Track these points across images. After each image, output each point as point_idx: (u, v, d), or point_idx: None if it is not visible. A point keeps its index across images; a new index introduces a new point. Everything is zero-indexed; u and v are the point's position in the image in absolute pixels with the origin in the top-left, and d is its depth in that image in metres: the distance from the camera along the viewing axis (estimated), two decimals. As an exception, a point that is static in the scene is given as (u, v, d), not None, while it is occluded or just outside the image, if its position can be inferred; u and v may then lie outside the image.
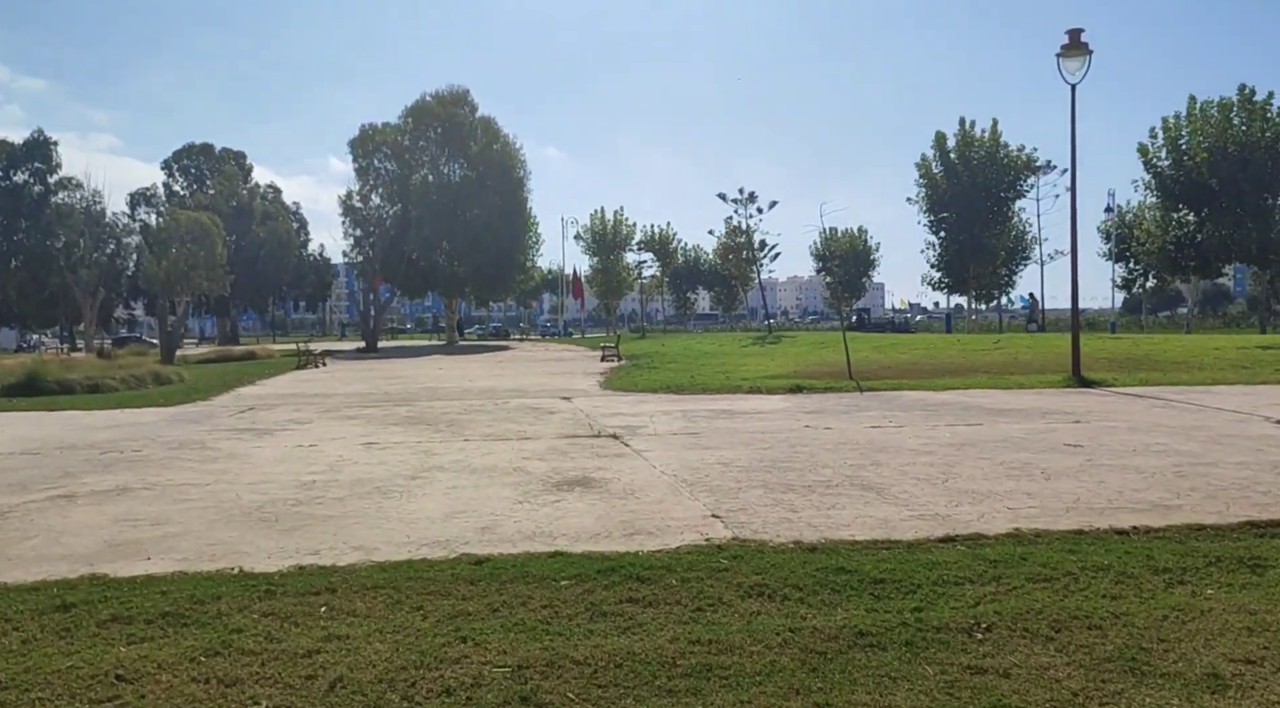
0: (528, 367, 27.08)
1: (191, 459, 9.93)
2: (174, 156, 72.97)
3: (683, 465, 8.70)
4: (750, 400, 15.17)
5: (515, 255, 47.19)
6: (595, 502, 7.11)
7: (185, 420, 14.18)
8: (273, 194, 75.16)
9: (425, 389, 19.31)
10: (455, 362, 30.74)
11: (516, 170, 45.34)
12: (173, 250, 54.44)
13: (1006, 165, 39.39)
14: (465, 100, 45.11)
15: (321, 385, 21.00)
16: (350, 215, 44.91)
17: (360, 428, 12.65)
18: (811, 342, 31.30)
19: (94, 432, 12.83)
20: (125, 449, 10.88)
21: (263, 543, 6.10)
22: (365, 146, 44.01)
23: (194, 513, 7.08)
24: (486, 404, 15.78)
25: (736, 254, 47.66)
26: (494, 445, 10.51)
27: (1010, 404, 13.65)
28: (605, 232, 55.74)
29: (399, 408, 15.43)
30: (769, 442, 10.14)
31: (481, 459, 9.46)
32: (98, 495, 7.88)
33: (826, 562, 5.06)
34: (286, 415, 14.64)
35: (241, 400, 17.67)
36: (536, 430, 11.85)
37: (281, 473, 8.86)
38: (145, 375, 21.42)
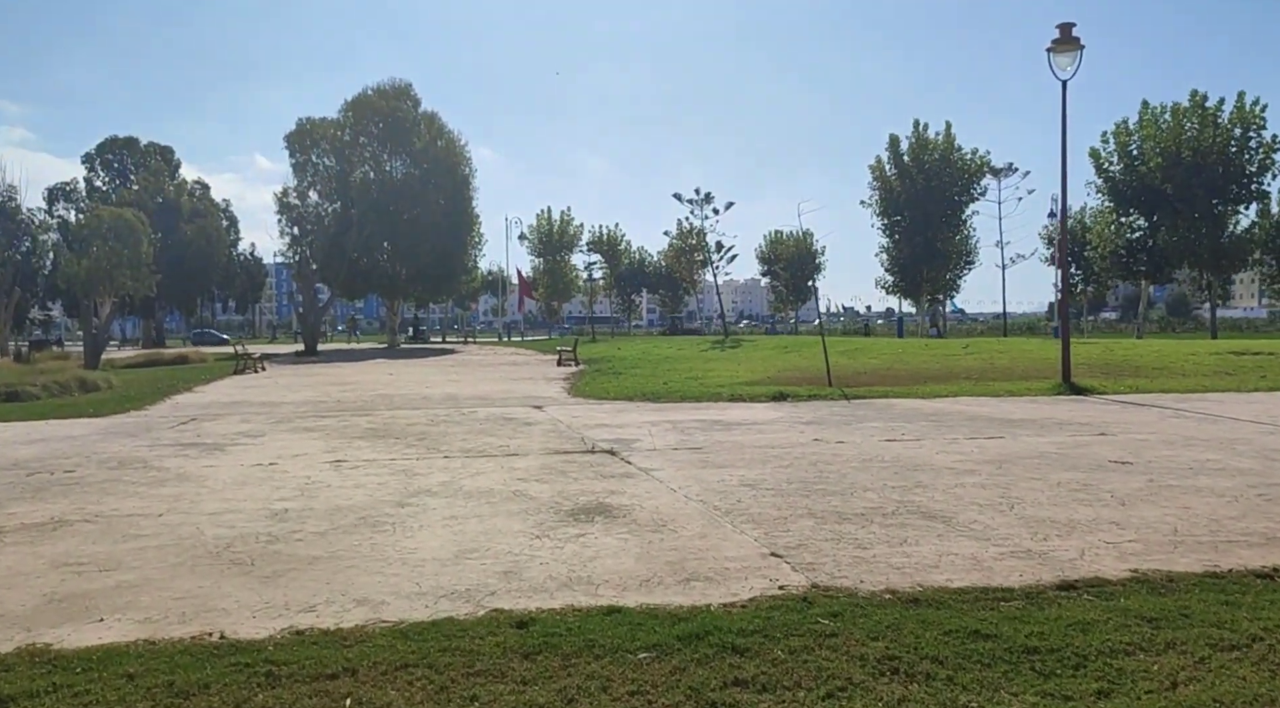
0: (482, 372, 25.93)
1: (136, 481, 8.73)
2: (96, 150, 69.71)
3: (704, 488, 7.82)
4: (737, 410, 14.35)
5: (459, 256, 45.79)
6: (626, 536, 6.18)
7: (121, 433, 12.84)
8: (201, 191, 72.22)
9: (381, 397, 18.10)
10: (404, 367, 29.40)
11: (461, 168, 43.93)
12: (94, 249, 51.82)
13: (961, 168, 39.40)
14: (408, 94, 43.56)
15: (266, 393, 19.62)
16: (286, 213, 43.06)
17: (322, 442, 11.50)
18: (773, 346, 30.68)
19: (16, 447, 11.46)
20: (56, 469, 9.60)
21: (242, 595, 5.04)
22: (303, 142, 42.19)
23: (150, 554, 5.97)
24: (453, 414, 14.70)
25: (689, 256, 46.98)
26: (479, 463, 9.49)
27: (1016, 413, 13.06)
28: (552, 232, 54.58)
29: (358, 419, 14.26)
30: (785, 459, 9.31)
31: (472, 481, 8.45)
32: (29, 531, 6.69)
33: (950, 622, 4.22)
34: (234, 427, 13.37)
35: (181, 410, 16.27)
36: (520, 445, 10.85)
37: (245, 499, 7.74)
38: (70, 382, 19.78)
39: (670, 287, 72.56)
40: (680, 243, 47.63)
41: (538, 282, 54.70)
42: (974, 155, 39.57)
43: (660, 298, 73.92)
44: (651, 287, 73.63)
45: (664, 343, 39.75)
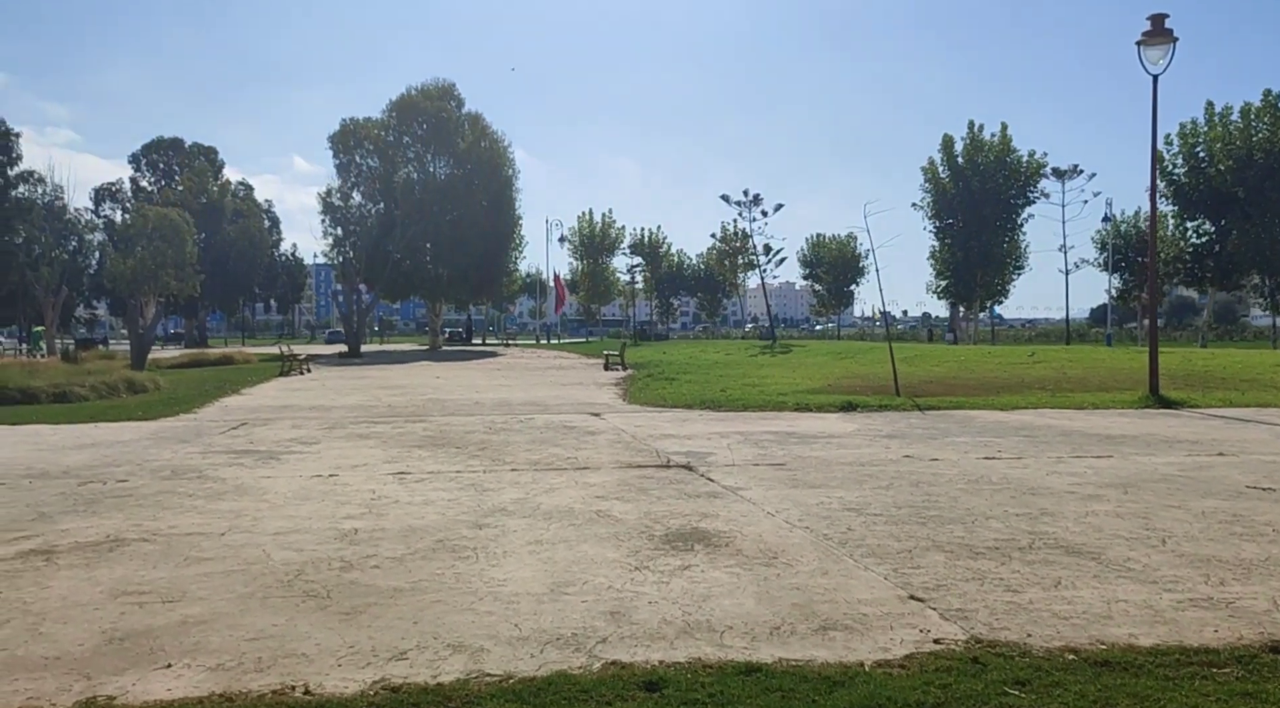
0: (529, 376, 25.44)
1: (192, 494, 8.25)
2: (142, 151, 70.36)
3: (804, 512, 7.17)
4: (807, 420, 13.68)
5: (501, 258, 45.41)
6: (735, 570, 5.55)
7: (172, 439, 12.44)
8: (244, 191, 72.68)
9: (431, 402, 17.63)
10: (449, 369, 29.00)
11: (504, 169, 43.53)
12: (140, 248, 52.12)
13: (1016, 170, 38.26)
14: (452, 94, 43.25)
15: (314, 396, 19.24)
16: (330, 214, 42.87)
17: (380, 451, 11.00)
18: (826, 352, 29.90)
19: (67, 453, 11.08)
20: (108, 479, 9.16)
21: (322, 637, 4.49)
22: (346, 142, 42.02)
23: (216, 581, 5.44)
24: (510, 421, 14.17)
25: (733, 258, 46.17)
26: (550, 478, 8.92)
27: (1113, 429, 12.27)
28: (593, 235, 54.05)
29: (413, 425, 13.78)
30: (881, 478, 8.64)
31: (547, 498, 7.88)
32: (84, 551, 6.20)
33: (1169, 698, 3.55)
34: (287, 433, 12.93)
35: (230, 413, 15.90)
36: (588, 457, 10.27)
37: (310, 517, 7.22)
38: (118, 383, 19.53)
39: (709, 290, 71.82)
40: (724, 245, 46.87)
41: (578, 284, 54.23)
42: (1031, 157, 38.50)
43: (699, 301, 73.13)
44: (690, 290, 72.86)
45: (710, 347, 39.06)
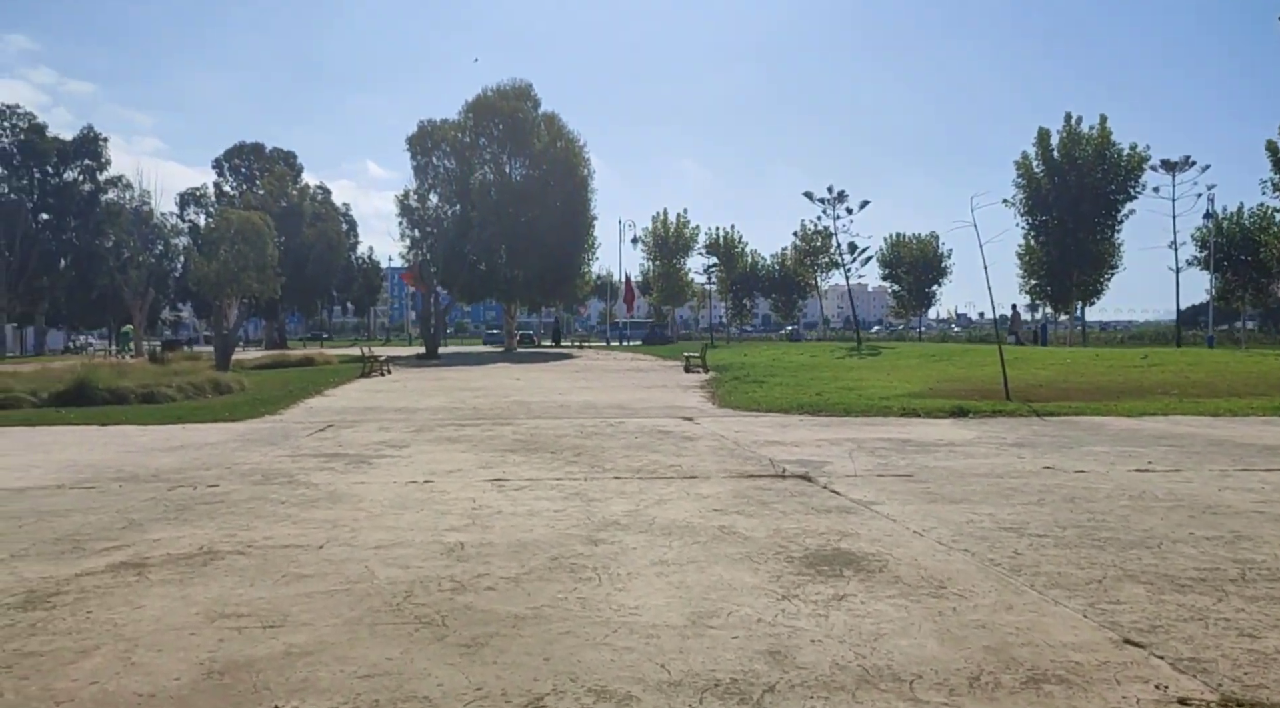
0: (609, 378, 24.90)
1: (285, 501, 7.82)
2: (225, 156, 72.06)
3: (955, 531, 6.41)
4: (919, 427, 12.83)
5: (576, 259, 45.07)
6: (901, 602, 4.83)
7: (259, 441, 12.15)
8: (322, 195, 73.93)
9: (516, 404, 17.18)
10: (528, 371, 28.66)
11: (580, 169, 43.17)
12: (222, 251, 53.15)
13: (1117, 165, 36.41)
14: (528, 95, 43.06)
15: (397, 397, 18.96)
16: (407, 216, 43.04)
17: (472, 456, 10.50)
18: (918, 354, 28.77)
19: (155, 455, 10.82)
20: (198, 483, 8.81)
21: (444, 674, 3.91)
22: (423, 144, 42.12)
23: (320, 603, 4.92)
24: (599, 425, 13.61)
25: (813, 257, 45.08)
26: (658, 488, 8.29)
27: (1270, 438, 11.18)
28: (667, 235, 53.41)
29: (502, 429, 13.29)
30: (1027, 492, 7.81)
31: (660, 511, 7.24)
32: (177, 564, 5.76)
33: None
34: (375, 436, 12.55)
35: (315, 415, 15.65)
36: (693, 465, 9.61)
37: (411, 528, 6.70)
38: (204, 383, 19.53)
39: (784, 291, 70.63)
40: (804, 244, 45.80)
41: (651, 285, 53.66)
42: (1133, 150, 36.58)
43: (773, 302, 71.95)
44: (764, 291, 71.73)
45: (792, 349, 38.11)
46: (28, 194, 59.73)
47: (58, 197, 60.49)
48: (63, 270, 61.32)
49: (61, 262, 61.14)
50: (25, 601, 5.05)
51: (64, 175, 60.83)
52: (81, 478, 9.21)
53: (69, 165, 60.79)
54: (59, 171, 60.52)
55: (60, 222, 60.89)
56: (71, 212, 60.67)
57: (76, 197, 60.84)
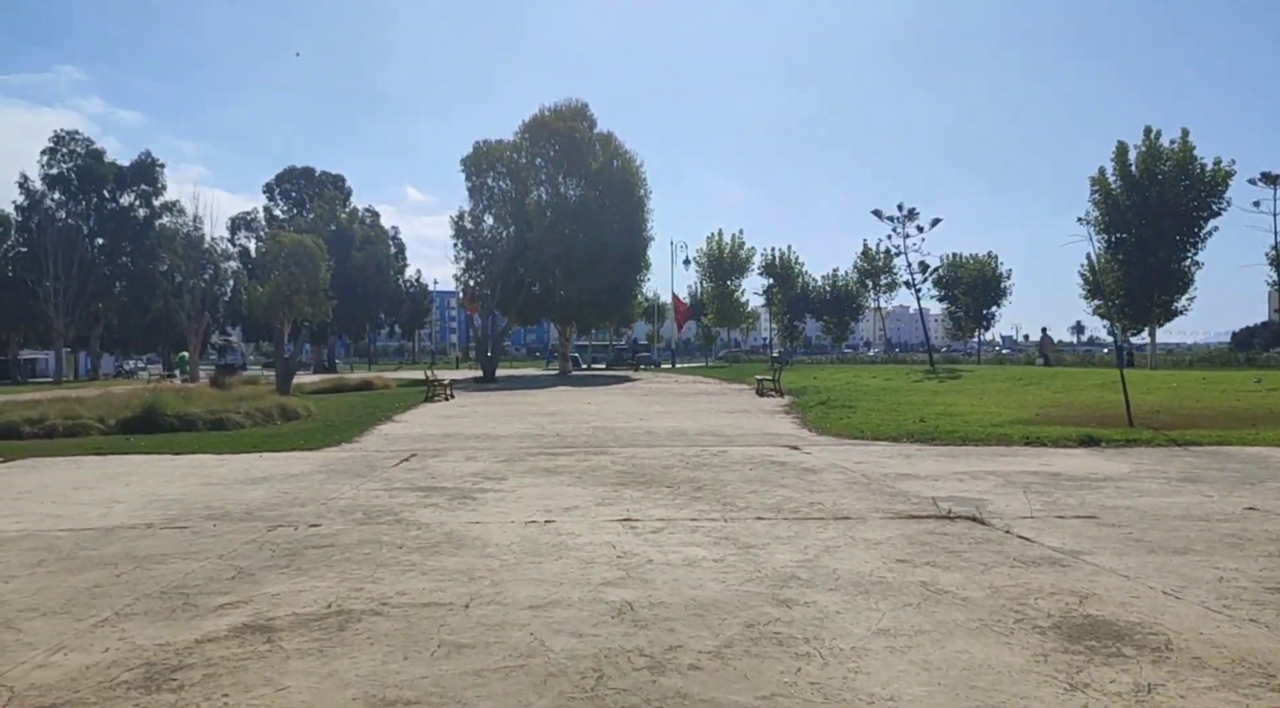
0: (682, 402, 23.97)
1: (401, 545, 6.99)
2: (275, 180, 72.59)
3: (1213, 592, 5.40)
4: (1056, 458, 11.76)
5: (632, 280, 44.31)
6: (1231, 697, 3.85)
7: (345, 472, 11.39)
8: (371, 218, 74.08)
9: (600, 430, 16.32)
10: (594, 395, 27.83)
11: (637, 190, 42.49)
12: (275, 274, 53.10)
13: (1200, 180, 34.87)
14: (584, 115, 42.55)
15: (471, 423, 18.19)
16: (462, 237, 42.58)
17: (582, 491, 9.64)
18: (1003, 378, 27.50)
19: (241, 488, 10.09)
20: (298, 522, 8.03)
21: (702, 802, 3.00)
22: (479, 165, 41.68)
23: (495, 687, 4.05)
24: (702, 454, 12.70)
25: (875, 278, 43.92)
26: (814, 531, 7.35)
27: None
28: (722, 256, 52.51)
29: (597, 457, 12.43)
30: (1256, 540, 6.77)
31: (835, 561, 6.31)
32: (309, 628, 4.93)
33: None
34: (465, 466, 11.75)
35: (394, 443, 14.91)
36: (835, 503, 8.66)
37: (559, 580, 5.84)
38: (271, 409, 18.93)
39: (835, 312, 69.38)
40: (865, 264, 44.62)
41: (705, 306, 52.71)
42: (1217, 165, 35.00)
43: (825, 324, 70.69)
44: (815, 312, 70.51)
45: (861, 372, 36.95)
46: (84, 219, 60.39)
47: (114, 221, 61.09)
48: (117, 295, 61.78)
49: (116, 286, 61.60)
50: (145, 677, 4.24)
51: (120, 200, 61.41)
52: (170, 516, 8.47)
53: (124, 191, 61.36)
54: (115, 197, 61.11)
55: (115, 246, 61.45)
56: (127, 236, 61.21)
57: (132, 221, 61.40)
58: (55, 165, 59.93)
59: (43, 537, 7.51)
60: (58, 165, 59.90)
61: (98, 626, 5.06)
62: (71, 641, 4.81)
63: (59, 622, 5.16)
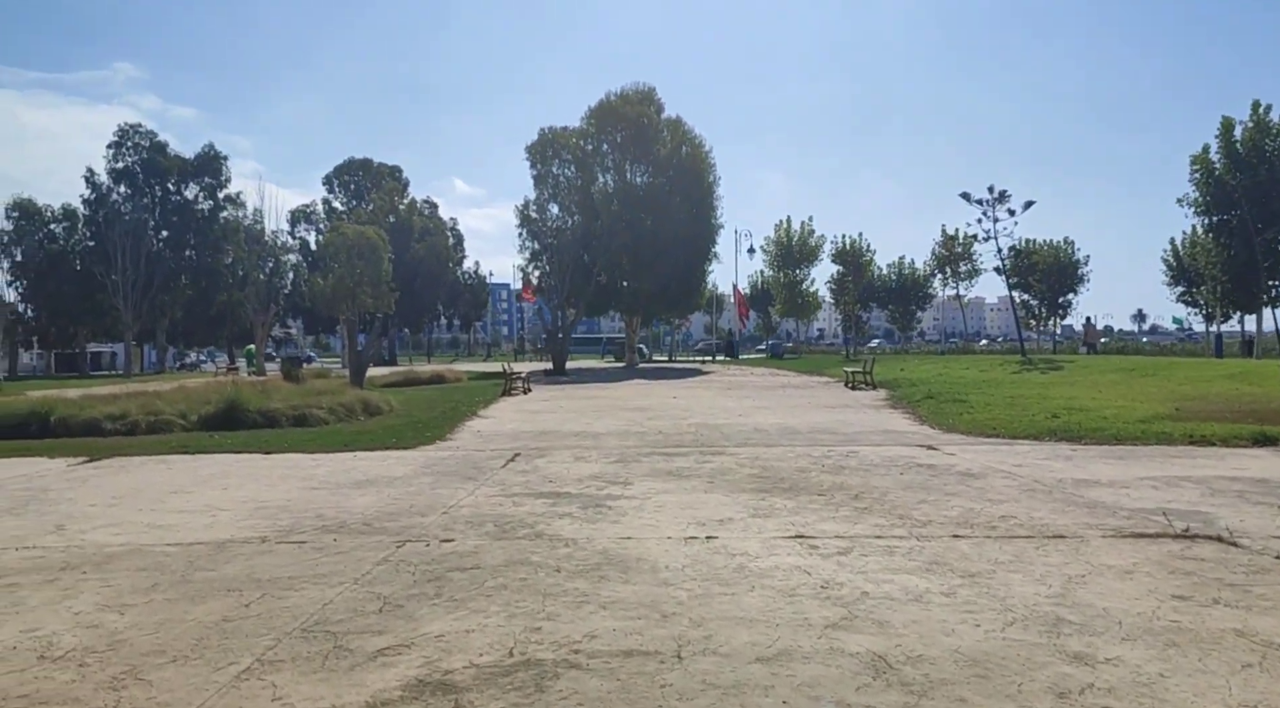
0: (771, 396, 22.86)
1: (556, 567, 6.05)
2: (334, 172, 72.47)
3: None
4: (1245, 460, 10.50)
5: (701, 269, 43.14)
6: None
7: (452, 474, 10.52)
8: (429, 210, 73.70)
9: (703, 427, 15.31)
10: (674, 388, 26.84)
11: (707, 176, 41.28)
12: (337, 266, 52.85)
13: (1316, 154, 32.54)
14: (651, 100, 41.39)
15: (561, 419, 17.29)
16: (527, 226, 41.74)
17: (725, 498, 8.64)
18: (1113, 368, 25.88)
19: (346, 493, 9.25)
20: (426, 536, 7.13)
21: None
22: (544, 152, 40.75)
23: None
24: (831, 454, 11.62)
25: (953, 265, 42.24)
26: (1034, 553, 6.27)
27: None
28: (790, 244, 51.08)
29: (719, 459, 11.42)
30: None
31: (1093, 596, 5.23)
32: (499, 686, 3.99)
33: None
34: (578, 468, 10.81)
35: (489, 441, 14.05)
36: (1030, 516, 7.55)
37: (771, 620, 4.84)
38: (353, 404, 18.20)
39: (901, 301, 67.56)
40: (944, 250, 42.90)
41: (774, 296, 51.34)
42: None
43: (890, 314, 68.88)
44: (881, 302, 68.73)
45: (951, 364, 35.46)
46: (149, 212, 60.78)
47: (178, 214, 61.39)
48: (182, 288, 62.12)
49: (181, 279, 61.94)
50: (322, 763, 3.31)
51: (184, 193, 61.69)
52: (281, 526, 7.63)
53: (188, 183, 61.64)
54: (179, 190, 61.39)
55: (180, 239, 61.76)
56: (191, 229, 61.48)
57: (196, 215, 61.66)
58: (120, 159, 60.35)
59: (149, 553, 6.70)
60: (123, 159, 60.31)
61: (241, 678, 4.17)
62: (215, 701, 3.92)
63: (194, 671, 4.28)
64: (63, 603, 5.42)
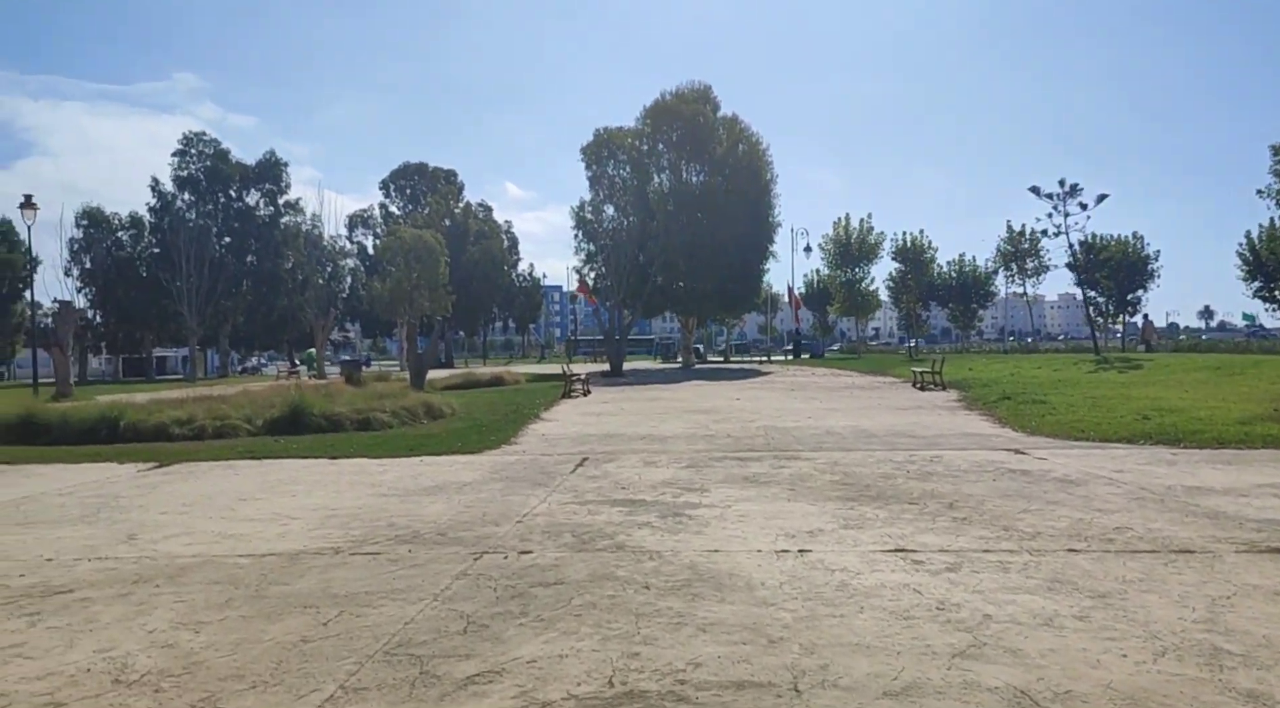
0: (836, 397, 22.29)
1: (646, 584, 5.69)
2: (391, 176, 73.19)
3: None
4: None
5: (758, 269, 42.57)
6: None
7: (521, 480, 10.25)
8: (484, 212, 74.09)
9: (772, 430, 14.86)
10: (734, 389, 26.37)
11: (764, 174, 40.69)
12: (395, 270, 53.29)
13: None
14: (708, 98, 40.91)
15: (625, 422, 16.96)
16: (582, 227, 41.56)
17: (809, 506, 8.22)
18: (1198, 367, 24.82)
19: (417, 501, 9.01)
20: (504, 548, 6.82)
21: None
22: (599, 153, 40.49)
23: None
24: (913, 460, 11.11)
25: (1020, 261, 41.04)
26: (1164, 571, 5.76)
27: None
28: (850, 242, 50.22)
29: (795, 464, 10.98)
30: None
31: (1249, 623, 4.73)
32: (606, 725, 3.63)
33: None
34: (650, 473, 10.45)
35: (555, 445, 13.77)
36: (1146, 528, 7.01)
37: (889, 648, 4.43)
38: (416, 408, 18.08)
39: (962, 299, 66.18)
40: (1010, 246, 41.67)
41: (832, 295, 50.56)
42: None
43: (950, 311, 67.48)
44: (940, 300, 67.37)
45: (1023, 363, 34.49)
46: (212, 219, 61.91)
47: (239, 220, 62.45)
48: (243, 292, 63.18)
49: (243, 284, 62.99)
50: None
51: (246, 199, 62.74)
52: (354, 537, 7.39)
53: (249, 190, 62.66)
54: (241, 196, 62.45)
55: (242, 245, 62.80)
56: (252, 235, 62.49)
57: (257, 220, 62.66)
58: (185, 166, 61.57)
59: (222, 565, 6.49)
60: (187, 166, 61.53)
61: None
62: (300, 735, 3.62)
63: (275, 699, 4.00)
64: (136, 620, 5.21)
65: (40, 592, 5.85)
